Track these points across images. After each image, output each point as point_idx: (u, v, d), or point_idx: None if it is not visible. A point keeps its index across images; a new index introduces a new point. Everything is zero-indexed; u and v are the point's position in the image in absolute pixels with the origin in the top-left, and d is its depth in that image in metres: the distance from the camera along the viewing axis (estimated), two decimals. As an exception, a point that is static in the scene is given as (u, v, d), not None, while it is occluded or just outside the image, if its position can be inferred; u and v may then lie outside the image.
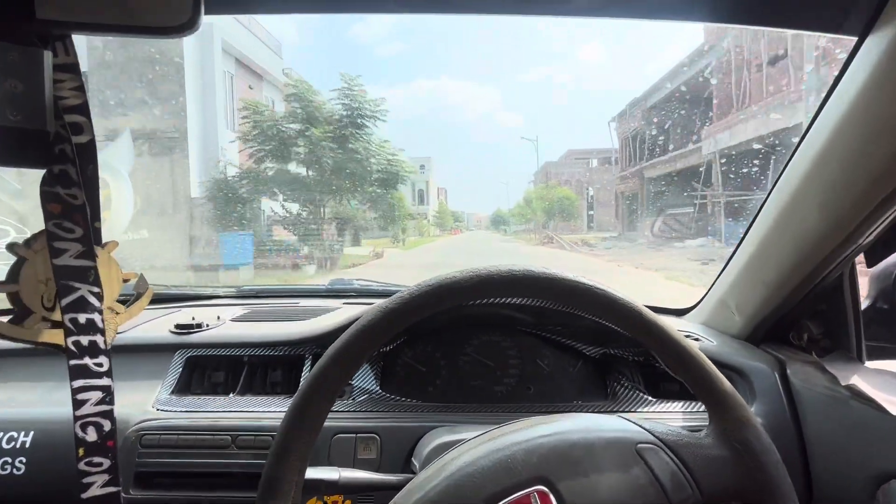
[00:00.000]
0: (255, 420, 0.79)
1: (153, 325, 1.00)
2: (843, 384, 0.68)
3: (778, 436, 0.76)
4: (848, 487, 0.67)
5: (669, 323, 0.46)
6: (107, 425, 0.46)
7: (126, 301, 0.51)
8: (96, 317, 0.45)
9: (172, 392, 0.86)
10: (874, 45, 0.51)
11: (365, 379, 0.90)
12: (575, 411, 0.85)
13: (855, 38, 0.53)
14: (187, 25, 0.41)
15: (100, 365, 0.45)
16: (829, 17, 0.52)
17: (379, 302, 0.46)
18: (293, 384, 0.90)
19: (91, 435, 0.45)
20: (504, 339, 0.97)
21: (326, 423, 0.77)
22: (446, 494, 0.42)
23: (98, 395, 0.46)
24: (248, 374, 0.91)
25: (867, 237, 0.65)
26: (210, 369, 0.92)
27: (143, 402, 0.82)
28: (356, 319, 0.46)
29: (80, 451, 0.45)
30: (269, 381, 0.92)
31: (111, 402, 0.47)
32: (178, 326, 0.95)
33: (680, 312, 1.10)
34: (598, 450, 0.44)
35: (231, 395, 0.88)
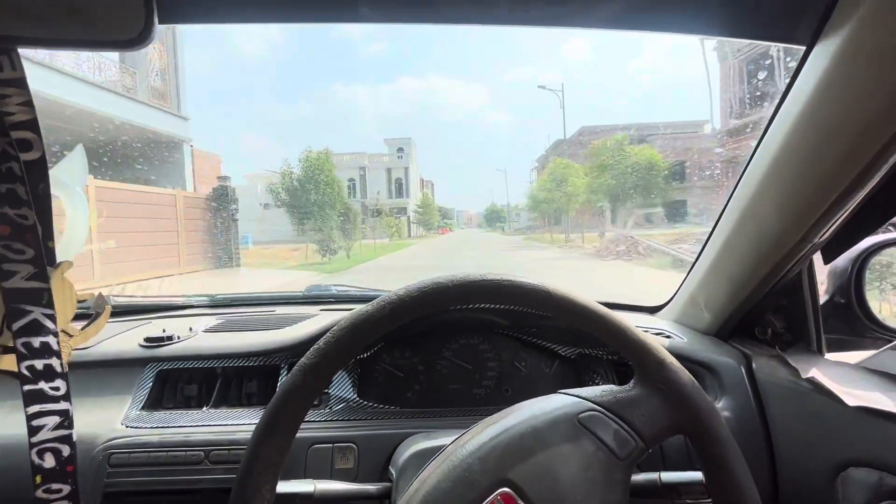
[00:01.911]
0: (230, 433, 0.78)
1: (122, 338, 0.97)
2: (804, 377, 0.71)
3: (745, 428, 0.78)
4: (810, 476, 0.70)
5: (587, 297, 0.49)
6: (66, 450, 0.45)
7: (84, 317, 0.49)
8: (51, 340, 0.43)
9: (143, 408, 0.84)
10: (821, 53, 0.53)
11: (342, 387, 0.89)
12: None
13: (804, 48, 0.55)
14: (140, 39, 0.40)
15: (56, 389, 0.44)
16: (778, 27, 0.54)
17: (345, 315, 0.46)
18: (269, 395, 0.89)
19: (49, 461, 0.44)
20: (482, 342, 0.98)
21: (302, 434, 0.77)
22: None
23: (55, 419, 0.44)
24: (222, 386, 0.90)
25: (822, 235, 0.68)
26: (182, 382, 0.90)
27: (112, 420, 0.80)
28: (332, 327, 0.46)
29: (38, 479, 0.44)
30: (244, 392, 0.90)
31: (70, 427, 0.45)
32: (147, 340, 0.92)
33: (652, 310, 1.13)
34: (545, 433, 0.46)
35: (205, 408, 0.86)
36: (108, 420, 0.80)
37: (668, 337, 0.94)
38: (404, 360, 0.96)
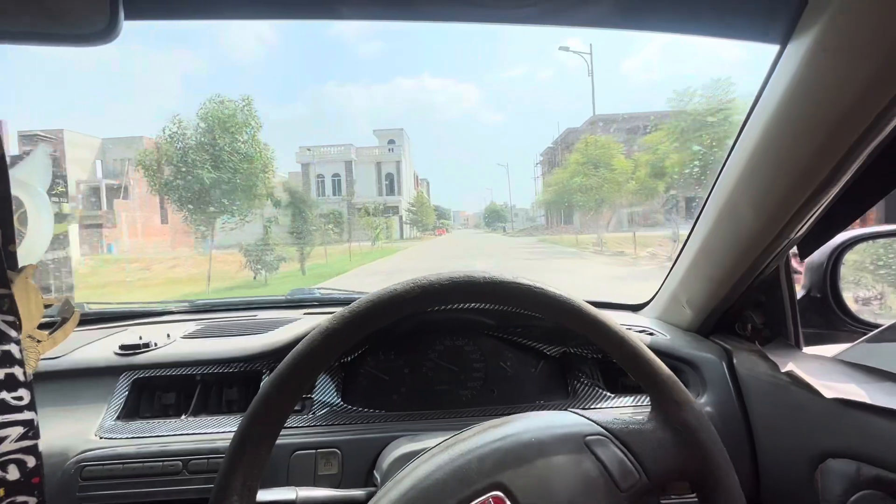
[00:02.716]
0: (209, 442, 0.76)
1: (96, 346, 0.94)
2: (782, 370, 0.72)
3: (727, 422, 0.79)
4: (791, 468, 0.71)
5: (611, 318, 0.48)
6: (31, 461, 0.43)
7: (52, 325, 0.47)
8: (13, 348, 0.41)
9: (118, 418, 0.81)
10: (793, 52, 0.55)
11: (325, 391, 0.88)
12: (537, 410, 0.86)
13: (777, 46, 0.56)
14: (105, 33, 0.38)
15: (19, 398, 0.42)
16: (751, 26, 0.55)
17: (320, 322, 0.45)
18: (250, 402, 0.87)
19: (13, 473, 0.42)
20: (467, 343, 0.98)
21: (285, 441, 0.76)
22: None
23: (19, 430, 0.42)
24: (201, 393, 0.87)
25: (798, 231, 0.70)
26: (160, 391, 0.88)
27: (85, 431, 0.77)
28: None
29: (1, 491, 0.41)
30: (224, 399, 0.88)
31: (35, 437, 0.43)
32: (122, 347, 0.89)
33: (636, 308, 1.14)
34: (549, 447, 0.45)
35: (183, 416, 0.84)
36: (80, 431, 0.77)
37: (651, 334, 0.95)
38: (389, 362, 0.95)
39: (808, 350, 0.79)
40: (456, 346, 0.97)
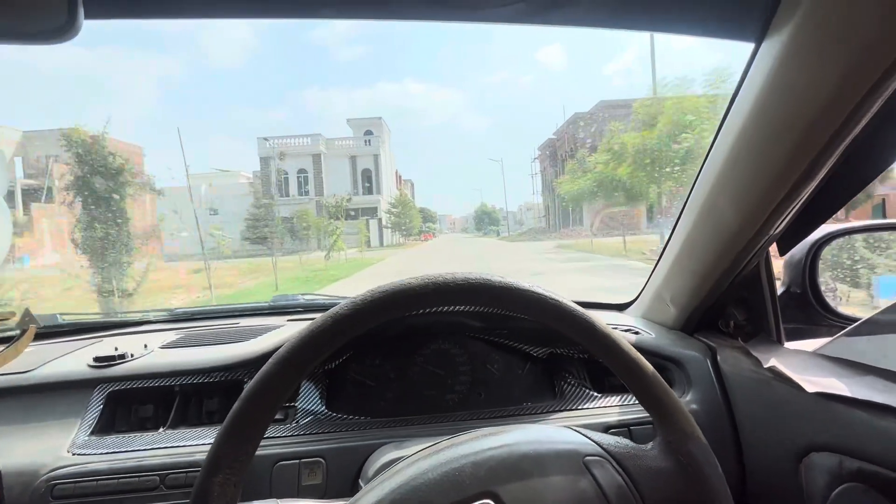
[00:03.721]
0: (188, 455, 0.73)
1: (69, 359, 0.91)
2: (765, 366, 0.72)
3: (712, 418, 0.80)
4: (775, 463, 0.71)
5: (622, 336, 0.46)
6: None
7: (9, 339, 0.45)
8: None
9: (92, 433, 0.78)
10: (768, 50, 0.55)
11: (309, 399, 0.86)
12: (525, 413, 0.85)
13: (753, 45, 0.57)
14: (62, 31, 0.36)
15: None
16: (727, 24, 0.56)
17: (297, 329, 0.44)
18: None
19: None
20: (454, 346, 0.97)
21: (267, 451, 0.74)
22: None
23: None
24: (180, 404, 0.85)
25: (777, 228, 0.70)
26: (137, 403, 0.85)
27: (57, 448, 0.74)
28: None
29: None
30: (204, 410, 0.86)
31: None
32: (96, 359, 0.86)
33: (621, 307, 1.14)
34: (547, 462, 0.44)
35: (161, 429, 0.81)
36: (52, 448, 0.74)
37: (636, 333, 0.95)
38: (375, 368, 0.93)
39: (789, 345, 0.80)
40: (442, 349, 0.96)
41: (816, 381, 0.65)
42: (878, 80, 0.48)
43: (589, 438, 0.47)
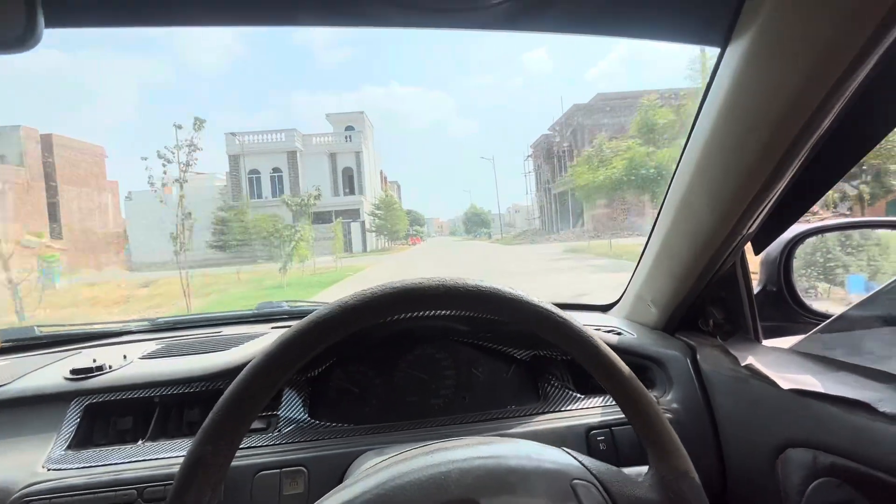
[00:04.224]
0: (167, 467, 0.72)
1: (45, 372, 0.89)
2: (742, 364, 0.73)
3: (692, 417, 0.81)
4: (754, 459, 0.72)
5: (624, 366, 0.46)
6: None
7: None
8: None
9: (69, 447, 0.76)
10: (733, 53, 0.56)
11: (292, 407, 0.85)
12: (509, 416, 0.85)
13: (719, 48, 0.58)
14: (22, 40, 0.36)
15: None
16: (693, 30, 0.57)
17: (276, 338, 0.43)
18: None
19: None
20: (438, 350, 0.96)
21: (248, 461, 0.73)
22: None
23: None
24: (160, 416, 0.84)
25: (750, 227, 0.72)
26: (115, 416, 0.83)
27: (32, 463, 0.73)
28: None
29: None
30: (185, 421, 0.84)
31: None
32: (73, 371, 0.85)
33: (605, 308, 1.15)
34: (534, 479, 0.44)
35: (140, 441, 0.80)
36: (26, 464, 0.72)
37: (618, 334, 0.96)
38: (359, 374, 0.93)
39: (767, 343, 0.82)
40: (427, 354, 0.96)
41: (791, 377, 0.66)
42: (837, 81, 0.49)
43: (579, 462, 0.47)
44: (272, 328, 1.11)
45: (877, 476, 0.54)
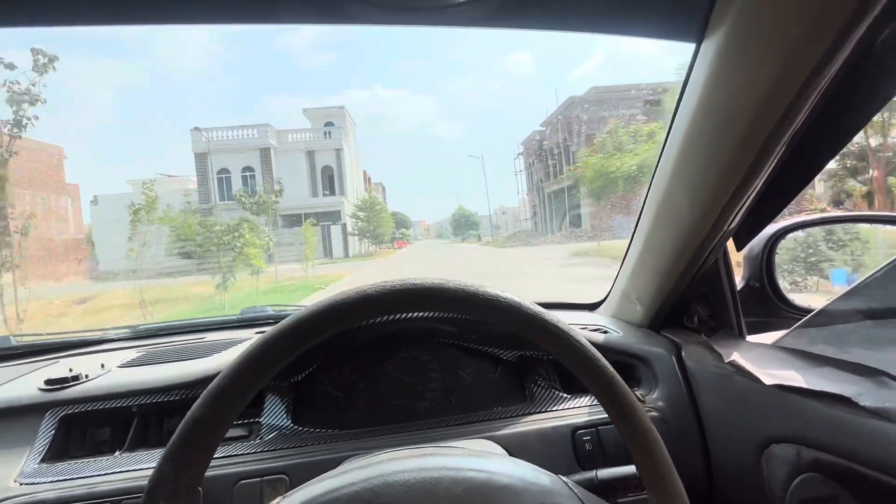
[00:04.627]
0: (144, 479, 0.70)
1: (19, 383, 0.87)
2: (726, 360, 0.73)
3: (678, 414, 0.80)
4: (739, 455, 0.72)
5: (634, 397, 0.45)
6: None
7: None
8: None
9: (43, 460, 0.74)
10: (708, 49, 0.56)
11: (274, 414, 0.83)
12: (495, 418, 0.85)
13: (694, 44, 0.58)
14: None
15: None
16: (668, 25, 0.57)
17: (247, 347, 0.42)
18: None
19: None
20: (424, 352, 0.95)
21: (228, 470, 0.71)
22: (359, 498, 0.39)
23: None
24: (139, 425, 0.82)
25: (731, 224, 0.72)
26: (92, 426, 0.81)
27: (3, 478, 0.70)
28: None
29: None
30: (165, 430, 0.83)
31: None
32: (48, 382, 0.83)
33: (592, 307, 1.15)
34: (523, 502, 0.42)
35: (118, 452, 0.78)
36: None
37: (604, 332, 0.96)
38: (343, 378, 0.91)
39: (751, 338, 0.82)
40: (413, 356, 0.95)
41: (774, 373, 0.66)
42: (811, 74, 0.49)
43: (574, 493, 0.45)
44: (256, 333, 1.09)
45: (859, 470, 0.54)
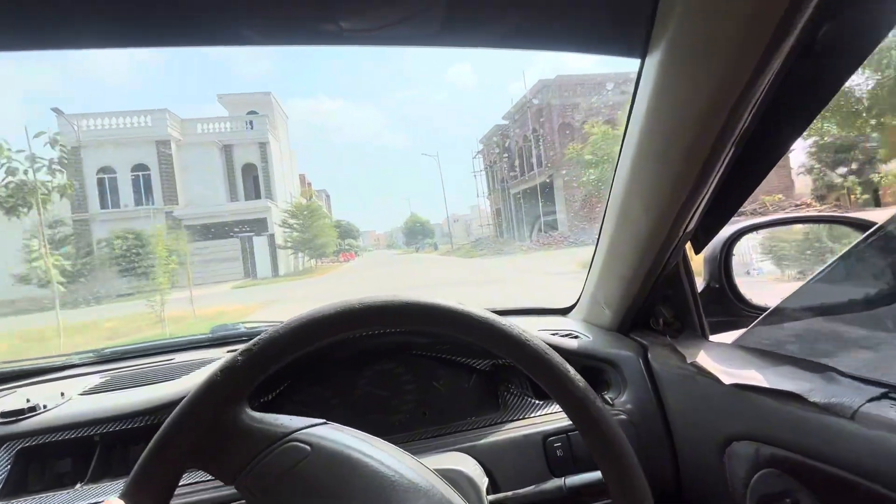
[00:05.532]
0: None
1: None
2: (689, 361, 0.75)
3: (646, 416, 0.82)
4: (703, 454, 0.74)
5: (613, 418, 0.45)
6: None
7: None
8: None
9: None
10: (652, 63, 0.58)
11: None
12: (469, 429, 0.85)
13: (639, 60, 0.60)
14: None
15: None
16: (613, 42, 0.59)
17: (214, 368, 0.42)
18: None
19: None
20: (398, 365, 0.95)
21: (191, 499, 0.69)
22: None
23: None
24: (101, 455, 0.79)
25: (687, 227, 0.74)
26: (52, 458, 0.78)
27: None
28: None
29: None
30: (130, 458, 0.80)
31: None
32: (2, 414, 0.79)
33: (564, 311, 1.16)
34: None
35: (79, 485, 0.75)
36: None
37: (575, 337, 0.97)
38: (314, 395, 0.90)
39: (714, 338, 0.84)
40: (385, 370, 0.94)
41: (733, 372, 0.68)
42: (749, 80, 0.51)
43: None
44: (227, 352, 1.07)
45: (811, 464, 0.56)
